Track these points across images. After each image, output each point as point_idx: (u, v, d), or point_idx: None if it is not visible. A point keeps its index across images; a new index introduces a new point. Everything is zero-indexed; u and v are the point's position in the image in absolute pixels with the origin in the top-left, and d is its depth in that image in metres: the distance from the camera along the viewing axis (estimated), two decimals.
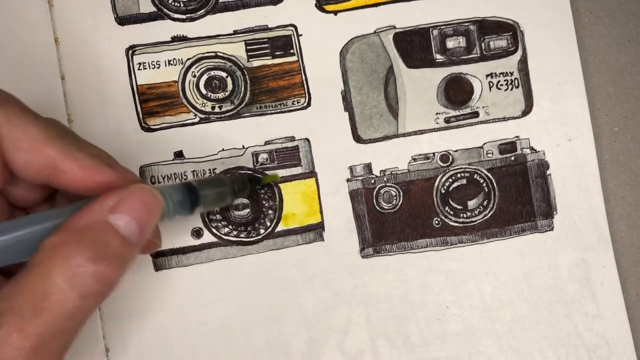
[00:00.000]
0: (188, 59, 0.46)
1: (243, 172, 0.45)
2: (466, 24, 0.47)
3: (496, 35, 0.46)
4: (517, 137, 0.47)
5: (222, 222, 0.45)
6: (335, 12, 0.46)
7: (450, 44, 0.46)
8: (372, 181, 0.46)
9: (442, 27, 0.46)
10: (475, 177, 0.46)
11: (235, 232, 0.45)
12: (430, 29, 0.46)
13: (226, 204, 0.44)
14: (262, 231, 0.46)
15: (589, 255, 0.46)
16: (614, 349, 0.46)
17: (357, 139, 0.46)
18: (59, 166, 0.34)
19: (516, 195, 0.46)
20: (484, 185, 0.46)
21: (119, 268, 0.32)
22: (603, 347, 0.46)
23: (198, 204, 0.38)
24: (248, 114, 0.46)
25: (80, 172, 0.34)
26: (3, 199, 0.37)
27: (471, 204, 0.46)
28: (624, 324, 0.46)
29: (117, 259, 0.32)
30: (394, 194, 0.46)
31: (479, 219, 0.46)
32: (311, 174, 0.46)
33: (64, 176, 0.34)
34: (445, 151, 0.46)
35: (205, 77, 0.46)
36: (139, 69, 0.45)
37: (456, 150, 0.46)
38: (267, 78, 0.46)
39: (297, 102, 0.46)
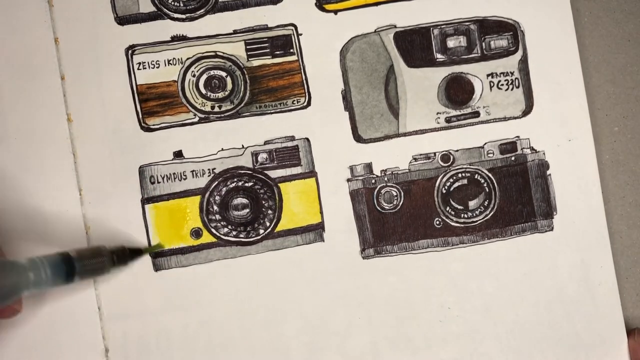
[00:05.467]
0: (188, 58, 0.45)
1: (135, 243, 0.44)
2: (467, 23, 0.46)
3: (497, 34, 0.46)
4: (517, 137, 0.46)
5: (222, 222, 0.45)
6: (336, 12, 0.46)
7: (451, 43, 0.46)
8: (373, 181, 0.45)
9: (442, 26, 0.46)
10: (476, 177, 0.46)
11: (234, 233, 0.45)
12: (431, 28, 0.46)
13: (103, 275, 0.43)
14: (261, 231, 0.45)
15: (588, 256, 0.46)
16: (609, 348, 0.45)
17: (358, 138, 0.46)
18: None
19: (517, 196, 0.46)
20: (485, 185, 0.46)
21: None
22: (599, 347, 0.45)
23: (74, 274, 0.38)
24: (248, 113, 0.45)
25: None
26: None
27: (472, 204, 0.46)
28: (619, 323, 0.45)
29: None
30: (394, 194, 0.45)
31: (479, 219, 0.46)
32: (311, 173, 0.45)
33: None
34: (446, 151, 0.46)
35: (204, 76, 0.45)
36: (138, 69, 0.45)
37: (457, 150, 0.46)
38: (267, 77, 0.45)
39: (297, 102, 0.45)
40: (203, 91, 0.45)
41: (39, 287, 0.36)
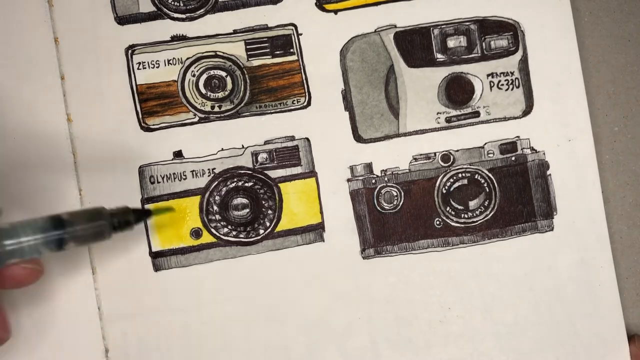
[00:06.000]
0: (187, 58, 0.45)
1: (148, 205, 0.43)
2: (467, 23, 0.46)
3: (497, 34, 0.46)
4: (517, 137, 0.46)
5: (222, 222, 0.44)
6: (336, 11, 0.46)
7: (451, 43, 0.45)
8: (373, 181, 0.45)
9: (442, 26, 0.46)
10: (476, 177, 0.45)
11: (234, 233, 0.44)
12: (431, 28, 0.46)
13: (103, 240, 0.37)
14: (261, 231, 0.45)
15: (588, 256, 0.45)
16: (609, 349, 0.45)
17: (358, 138, 0.45)
18: None
19: (517, 196, 0.46)
20: (485, 185, 0.45)
21: None
22: (599, 347, 0.45)
23: (66, 240, 0.34)
24: (248, 113, 0.45)
25: None
26: None
27: (472, 204, 0.45)
28: (619, 323, 0.45)
29: None
30: (395, 194, 0.45)
31: (480, 219, 0.45)
32: (311, 173, 0.45)
33: None
34: (446, 151, 0.45)
35: (204, 76, 0.45)
36: (138, 69, 0.45)
37: (457, 150, 0.46)
38: (267, 77, 0.45)
39: (297, 102, 0.45)
40: (203, 91, 0.45)
41: (23, 255, 0.33)
